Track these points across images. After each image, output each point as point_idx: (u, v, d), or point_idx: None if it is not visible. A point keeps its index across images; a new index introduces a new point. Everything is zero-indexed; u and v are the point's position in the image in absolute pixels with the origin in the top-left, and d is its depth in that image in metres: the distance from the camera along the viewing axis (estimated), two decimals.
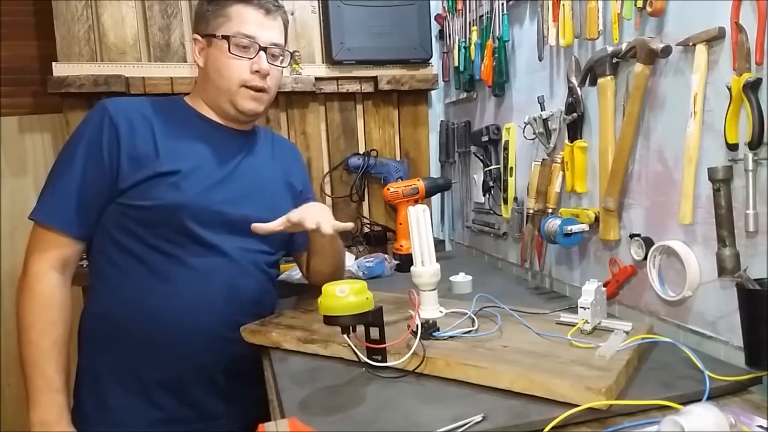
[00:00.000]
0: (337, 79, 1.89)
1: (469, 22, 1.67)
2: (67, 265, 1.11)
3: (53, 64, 1.63)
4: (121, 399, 1.09)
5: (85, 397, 1.12)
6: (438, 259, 0.96)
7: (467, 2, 1.67)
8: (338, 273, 1.33)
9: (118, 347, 1.10)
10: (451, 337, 0.94)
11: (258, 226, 1.06)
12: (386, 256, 1.66)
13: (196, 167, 1.13)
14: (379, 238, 1.91)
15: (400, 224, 1.67)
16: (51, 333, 1.06)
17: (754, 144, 0.79)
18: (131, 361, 1.10)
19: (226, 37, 1.15)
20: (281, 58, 1.22)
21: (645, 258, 1.02)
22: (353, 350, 0.90)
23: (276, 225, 1.05)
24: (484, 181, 1.63)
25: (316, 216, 1.04)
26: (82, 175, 1.08)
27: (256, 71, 1.16)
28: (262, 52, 1.16)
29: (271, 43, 1.18)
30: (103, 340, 1.11)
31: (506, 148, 1.51)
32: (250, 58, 1.16)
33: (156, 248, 1.09)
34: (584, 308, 0.92)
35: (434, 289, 0.96)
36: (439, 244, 1.95)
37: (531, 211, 1.35)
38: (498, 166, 1.57)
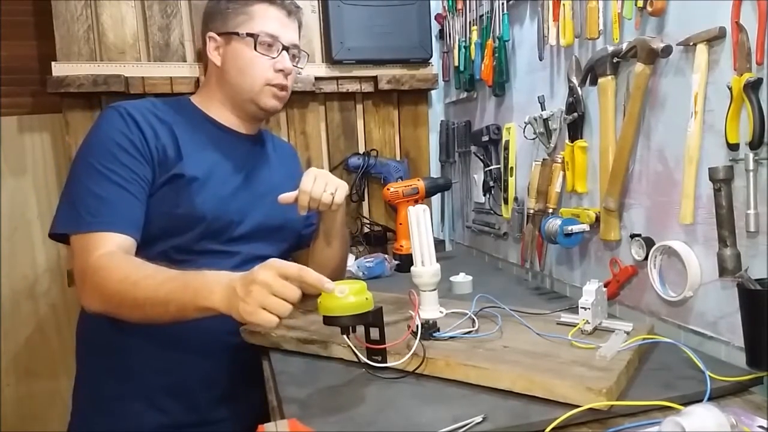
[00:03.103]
0: (337, 78, 1.89)
1: (469, 22, 1.67)
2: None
3: (53, 63, 1.63)
4: (124, 404, 1.08)
5: (85, 403, 1.11)
6: (438, 259, 0.96)
7: (467, 2, 1.67)
8: (339, 270, 1.33)
9: (119, 352, 1.09)
10: (451, 337, 0.94)
11: (284, 197, 1.09)
12: (386, 256, 1.65)
13: (211, 174, 1.12)
14: (379, 238, 1.90)
15: (400, 224, 1.67)
16: (161, 271, 0.93)
17: (755, 144, 0.79)
18: (133, 365, 1.08)
19: (252, 35, 1.15)
20: (298, 58, 1.24)
21: (646, 258, 1.02)
22: (353, 351, 0.90)
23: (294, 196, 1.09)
24: (484, 181, 1.63)
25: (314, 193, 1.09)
26: (129, 175, 1.03)
27: (280, 70, 1.17)
28: (284, 52, 1.18)
29: (292, 43, 1.20)
30: (103, 344, 1.10)
31: (506, 148, 1.51)
32: (273, 57, 1.17)
33: (164, 255, 1.07)
34: (585, 308, 0.92)
35: (434, 290, 0.95)
36: (439, 244, 1.95)
37: (531, 211, 1.35)
38: (498, 166, 1.57)
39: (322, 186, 1.09)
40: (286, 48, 1.18)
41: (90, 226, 1.00)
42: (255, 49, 1.15)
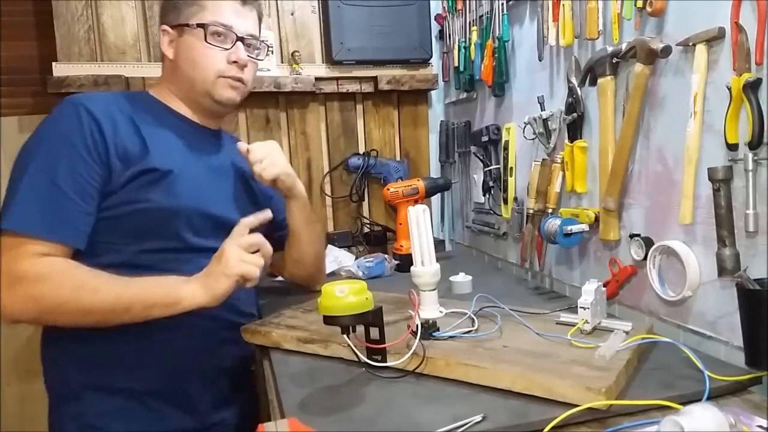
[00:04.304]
0: (337, 79, 1.89)
1: (469, 22, 1.67)
2: None
3: (53, 64, 1.63)
4: (113, 416, 1.01)
5: (66, 425, 1.02)
6: (438, 259, 0.96)
7: (467, 2, 1.67)
8: (316, 267, 1.35)
9: (101, 364, 1.01)
10: (451, 337, 0.94)
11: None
12: (386, 256, 1.66)
13: (184, 167, 1.07)
14: (379, 238, 1.91)
15: (400, 224, 1.67)
16: (101, 275, 0.93)
17: (754, 144, 0.79)
18: (121, 376, 1.01)
19: (201, 26, 1.09)
20: (258, 50, 1.18)
21: (645, 258, 1.02)
22: (353, 350, 0.90)
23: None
24: (484, 181, 1.63)
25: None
26: (74, 178, 0.96)
27: (234, 61, 1.12)
28: (239, 42, 1.12)
29: (248, 33, 1.14)
30: (80, 358, 1.01)
31: (506, 148, 1.51)
32: (227, 48, 1.12)
33: (143, 255, 1.02)
34: (584, 308, 0.92)
35: (434, 289, 0.96)
36: (439, 244, 1.95)
37: (531, 211, 1.35)
38: (498, 166, 1.57)
39: (260, 156, 1.14)
40: (240, 39, 1.12)
41: (24, 227, 0.93)
42: (205, 40, 1.10)
